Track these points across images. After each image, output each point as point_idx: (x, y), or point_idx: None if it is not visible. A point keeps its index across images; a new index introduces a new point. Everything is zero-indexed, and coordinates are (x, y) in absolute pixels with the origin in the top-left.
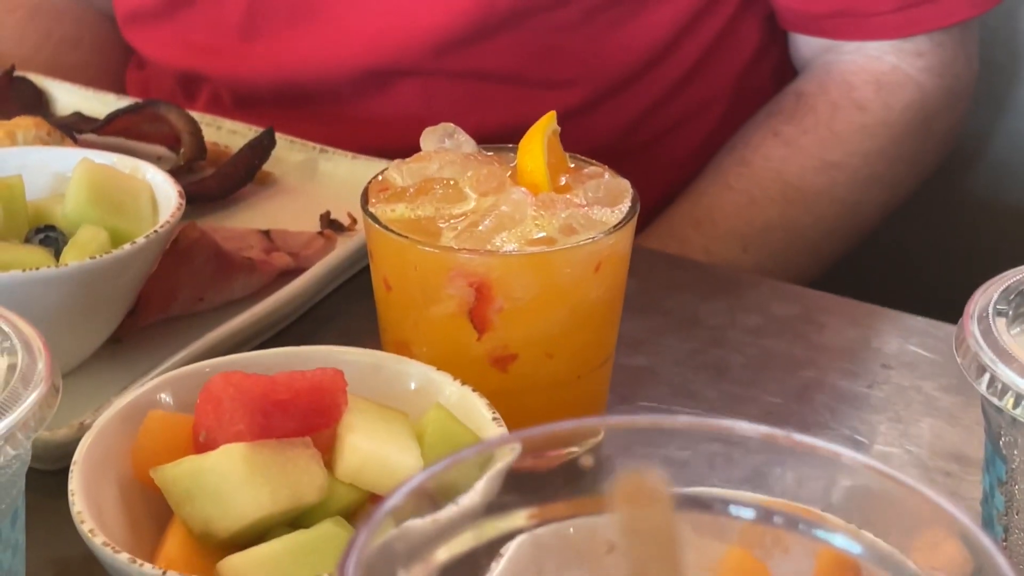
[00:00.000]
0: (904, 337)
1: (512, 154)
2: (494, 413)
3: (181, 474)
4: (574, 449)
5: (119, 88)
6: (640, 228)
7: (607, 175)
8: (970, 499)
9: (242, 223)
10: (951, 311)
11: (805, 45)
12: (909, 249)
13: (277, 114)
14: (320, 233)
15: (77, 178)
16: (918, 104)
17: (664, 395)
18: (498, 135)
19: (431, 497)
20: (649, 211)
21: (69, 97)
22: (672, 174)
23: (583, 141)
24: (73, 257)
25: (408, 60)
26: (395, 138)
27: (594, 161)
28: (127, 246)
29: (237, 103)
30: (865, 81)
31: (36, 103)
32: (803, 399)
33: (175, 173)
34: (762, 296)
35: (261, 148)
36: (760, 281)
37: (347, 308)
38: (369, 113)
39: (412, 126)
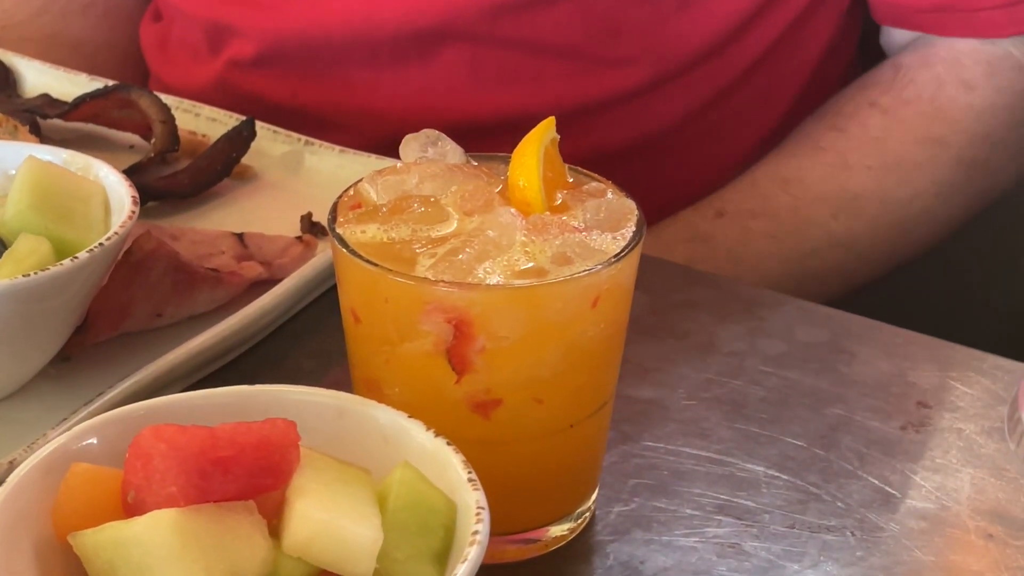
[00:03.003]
0: (944, 370)
1: (504, 165)
2: (470, 472)
3: (103, 542)
4: None
5: (132, 63)
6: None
7: (610, 193)
8: (1015, 568)
9: (216, 223)
10: (996, 338)
11: (901, 36)
12: (951, 268)
13: (303, 77)
14: (299, 238)
15: (20, 180)
16: None
17: (672, 434)
18: (550, 113)
19: None
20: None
21: (38, 76)
22: (727, 171)
23: (639, 126)
24: (6, 273)
25: (460, 21)
26: (433, 112)
27: (597, 176)
28: (66, 262)
29: (260, 61)
30: (976, 61)
31: (2, 83)
32: (828, 442)
33: (146, 165)
34: (786, 318)
35: (240, 139)
36: (785, 301)
37: (325, 323)
38: (408, 81)
39: (455, 98)
